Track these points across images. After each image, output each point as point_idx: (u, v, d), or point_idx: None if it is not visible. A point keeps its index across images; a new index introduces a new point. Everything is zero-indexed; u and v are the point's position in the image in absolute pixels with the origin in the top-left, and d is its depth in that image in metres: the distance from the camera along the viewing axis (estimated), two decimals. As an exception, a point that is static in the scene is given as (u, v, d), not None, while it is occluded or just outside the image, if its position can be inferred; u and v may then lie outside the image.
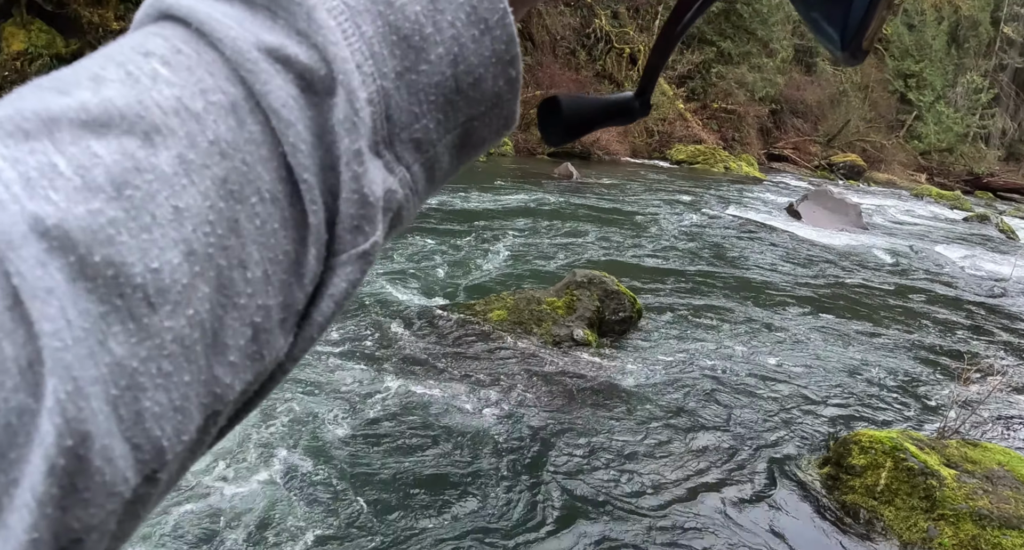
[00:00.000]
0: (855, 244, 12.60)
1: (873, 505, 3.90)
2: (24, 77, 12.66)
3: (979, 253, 13.55)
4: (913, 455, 3.94)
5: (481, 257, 8.39)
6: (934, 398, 5.83)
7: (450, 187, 13.82)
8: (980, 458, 4.04)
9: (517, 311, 5.98)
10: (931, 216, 20.14)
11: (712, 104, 29.76)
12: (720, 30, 30.31)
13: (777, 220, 14.17)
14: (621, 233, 10.84)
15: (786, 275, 9.40)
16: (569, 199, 13.93)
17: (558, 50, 26.56)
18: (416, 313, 6.13)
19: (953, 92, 41.27)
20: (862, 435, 4.23)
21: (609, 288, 6.24)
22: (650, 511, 3.75)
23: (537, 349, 5.60)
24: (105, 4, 13.53)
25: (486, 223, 10.47)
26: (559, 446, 4.29)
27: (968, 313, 8.75)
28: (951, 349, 7.14)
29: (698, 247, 10.60)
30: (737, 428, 4.80)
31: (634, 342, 6.17)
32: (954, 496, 3.70)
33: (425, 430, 4.26)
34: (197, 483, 3.50)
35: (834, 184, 26.49)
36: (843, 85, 37.43)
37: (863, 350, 6.73)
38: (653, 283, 8.16)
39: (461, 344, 5.55)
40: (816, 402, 5.41)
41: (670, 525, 3.66)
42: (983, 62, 43.66)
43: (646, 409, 4.91)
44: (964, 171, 38.75)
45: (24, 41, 12.95)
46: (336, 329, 5.62)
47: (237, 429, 3.24)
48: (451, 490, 3.73)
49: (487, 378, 5.05)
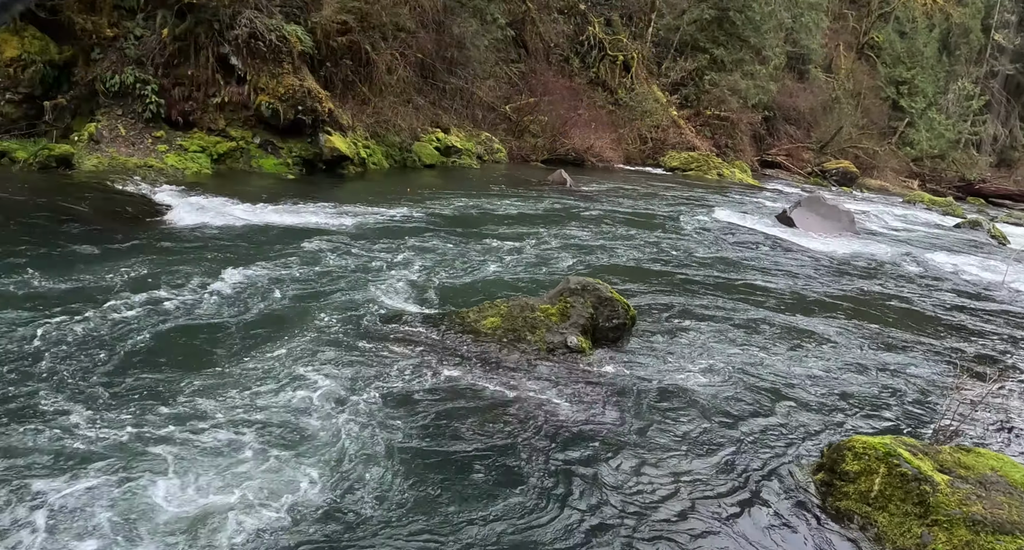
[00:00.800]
0: (848, 250, 12.63)
1: (867, 511, 3.91)
2: (17, 83, 12.66)
3: (971, 259, 13.60)
4: (906, 461, 3.95)
5: (474, 264, 8.39)
6: (927, 404, 5.84)
7: (443, 193, 13.83)
8: (973, 464, 4.05)
9: (511, 318, 5.98)
10: (923, 222, 20.21)
11: (705, 111, 29.81)
12: (713, 37, 30.38)
13: (770, 227, 14.21)
14: (614, 240, 10.85)
15: (779, 282, 9.42)
16: (562, 206, 13.94)
17: (552, 57, 26.60)
18: (409, 320, 6.12)
19: (945, 99, 41.43)
20: (856, 441, 4.24)
21: (603, 295, 6.25)
22: (642, 517, 3.75)
23: (531, 356, 5.59)
24: (99, 11, 13.51)
25: (479, 230, 10.47)
26: (553, 455, 4.28)
27: (961, 319, 8.78)
28: (944, 355, 7.16)
29: (691, 254, 10.62)
30: (730, 434, 4.80)
31: (628, 349, 6.17)
32: (948, 502, 3.70)
33: (415, 439, 4.26)
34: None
35: (827, 190, 26.57)
36: (835, 92, 37.55)
37: (856, 356, 6.75)
38: (647, 290, 8.17)
39: (455, 352, 5.55)
40: (809, 408, 5.42)
41: (662, 531, 3.66)
42: (974, 69, 43.84)
43: (639, 416, 4.91)
44: (956, 177, 38.90)
45: (17, 48, 12.91)
46: (327, 336, 5.61)
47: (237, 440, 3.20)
48: (443, 499, 3.72)
49: (480, 386, 5.05)
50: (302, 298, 6.47)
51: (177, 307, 5.90)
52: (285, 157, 14.48)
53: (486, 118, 22.59)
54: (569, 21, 27.44)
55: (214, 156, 13.78)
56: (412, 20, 18.74)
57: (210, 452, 3.84)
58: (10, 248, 6.99)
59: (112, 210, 9.37)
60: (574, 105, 25.11)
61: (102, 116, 13.29)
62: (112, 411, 4.13)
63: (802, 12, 33.63)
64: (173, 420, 4.10)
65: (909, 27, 41.16)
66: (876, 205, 23.41)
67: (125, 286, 6.22)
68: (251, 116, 14.36)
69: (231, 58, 14.02)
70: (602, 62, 27.77)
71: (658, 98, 28.71)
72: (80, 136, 12.95)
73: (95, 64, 13.41)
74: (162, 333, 5.39)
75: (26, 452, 3.66)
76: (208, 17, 13.80)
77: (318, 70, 16.09)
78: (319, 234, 9.11)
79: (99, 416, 4.06)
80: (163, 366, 4.84)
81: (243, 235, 8.71)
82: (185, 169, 13.06)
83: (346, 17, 16.40)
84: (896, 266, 11.67)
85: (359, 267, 7.70)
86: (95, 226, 8.48)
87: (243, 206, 10.17)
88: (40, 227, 8.03)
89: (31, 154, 11.77)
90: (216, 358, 5.05)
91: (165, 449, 3.80)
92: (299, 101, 14.32)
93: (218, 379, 4.69)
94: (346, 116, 16.03)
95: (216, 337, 5.42)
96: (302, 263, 7.57)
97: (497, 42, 23.28)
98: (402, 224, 10.33)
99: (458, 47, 21.20)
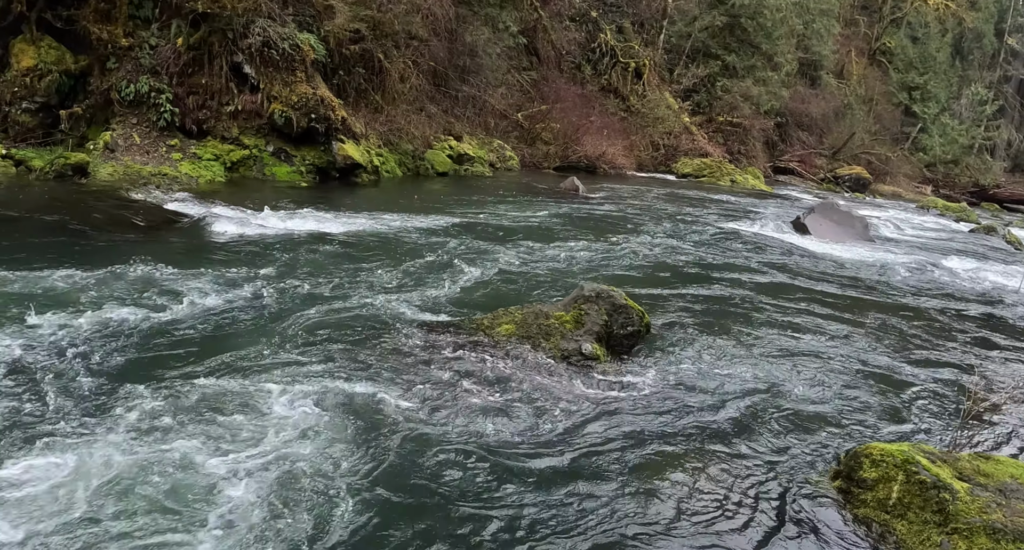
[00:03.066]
0: (863, 257, 12.58)
1: (885, 519, 3.88)
2: (34, 93, 12.77)
3: (987, 265, 13.51)
4: (925, 468, 3.92)
5: (488, 271, 8.39)
6: (945, 411, 5.80)
7: (456, 201, 13.86)
8: (993, 471, 4.02)
9: (525, 325, 5.98)
10: (937, 228, 20.10)
11: (717, 117, 29.81)
12: (725, 44, 30.40)
13: (784, 233, 14.16)
14: (628, 247, 10.84)
15: (793, 289, 9.39)
16: (575, 213, 13.95)
17: (563, 65, 26.66)
18: (423, 328, 6.13)
19: (958, 104, 41.28)
20: (873, 448, 4.21)
21: (617, 302, 6.23)
22: (659, 525, 3.73)
23: (545, 364, 5.59)
24: (114, 21, 13.62)
25: (492, 237, 10.49)
26: (567, 462, 4.27)
27: (977, 325, 8.72)
28: (961, 361, 7.11)
29: (705, 261, 10.60)
30: (747, 441, 4.78)
31: (642, 356, 6.16)
32: (967, 510, 3.68)
33: (429, 446, 4.26)
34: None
35: (840, 197, 26.47)
36: (847, 98, 37.47)
37: (872, 363, 6.71)
38: (661, 297, 8.16)
39: (470, 358, 5.55)
40: (825, 414, 5.39)
41: (680, 540, 3.64)
42: (987, 74, 43.68)
43: (655, 422, 4.89)
44: (969, 183, 38.72)
45: (34, 57, 13.03)
46: (339, 344, 5.62)
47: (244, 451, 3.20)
48: (457, 506, 3.72)
49: (495, 393, 5.05)
50: (316, 306, 6.49)
51: (197, 313, 5.93)
52: (298, 165, 14.55)
53: (498, 126, 22.65)
54: (581, 28, 27.50)
55: (228, 164, 13.86)
56: (424, 28, 18.82)
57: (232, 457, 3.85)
58: (31, 255, 7.04)
59: (128, 218, 9.43)
60: (586, 112, 25.14)
61: (117, 125, 13.40)
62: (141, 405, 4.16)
63: (813, 18, 33.61)
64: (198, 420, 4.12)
65: (921, 32, 41.06)
66: (889, 211, 23.31)
67: (142, 292, 6.26)
68: (264, 124, 14.44)
69: (244, 67, 14.12)
70: (614, 69, 27.82)
71: (670, 105, 28.72)
72: (95, 144, 13.05)
73: (110, 73, 13.53)
74: (179, 339, 5.42)
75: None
76: (222, 26, 13.89)
77: (331, 78, 16.18)
78: (333, 242, 9.15)
79: (114, 419, 4.08)
80: (178, 370, 4.86)
81: (259, 243, 8.75)
82: (199, 177, 13.14)
83: (359, 25, 16.49)
84: (911, 273, 11.61)
85: (373, 275, 7.72)
86: (112, 233, 8.54)
87: (258, 214, 10.23)
88: (58, 234, 8.08)
89: (47, 162, 11.87)
90: (233, 364, 5.06)
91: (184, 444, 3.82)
92: (312, 109, 14.39)
93: (236, 385, 4.71)
94: (359, 124, 16.10)
95: (233, 343, 5.44)
96: (316, 271, 7.60)
97: (509, 50, 23.36)
98: (415, 232, 10.35)
99: (470, 55, 21.27)
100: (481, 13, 21.50)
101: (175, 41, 13.81)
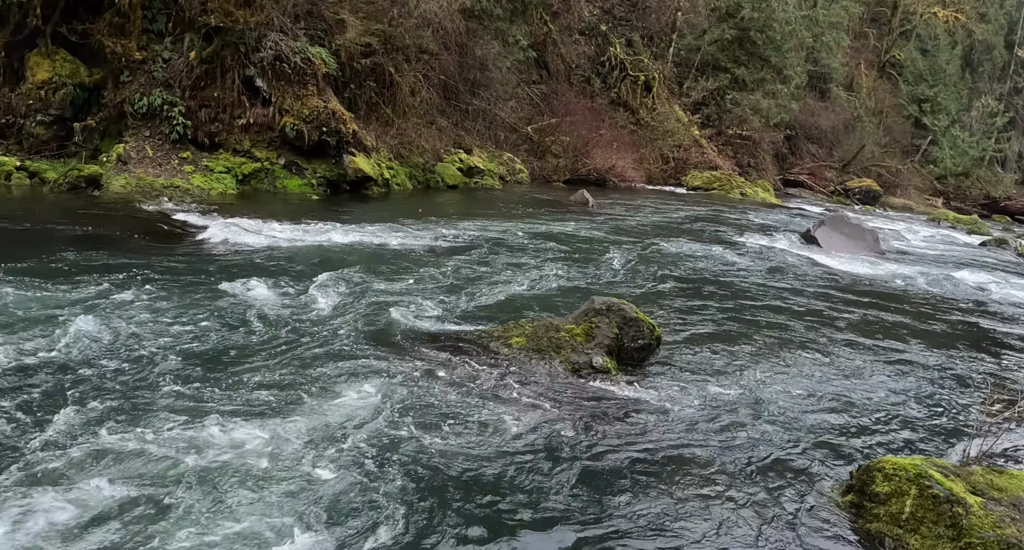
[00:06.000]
0: (873, 270, 12.54)
1: (898, 533, 3.87)
2: (48, 105, 12.88)
3: (998, 278, 13.45)
4: (938, 482, 3.91)
5: (498, 284, 8.41)
6: (957, 425, 5.78)
7: (466, 214, 13.89)
8: (1006, 485, 4.00)
9: (536, 338, 5.99)
10: (949, 241, 20.03)
11: (727, 130, 29.83)
12: (734, 57, 30.45)
13: (795, 246, 14.14)
14: (638, 260, 10.85)
15: (804, 302, 9.37)
16: (585, 226, 13.96)
17: (573, 78, 26.74)
18: (434, 340, 6.14)
19: (968, 116, 41.18)
20: (885, 462, 4.20)
21: (628, 315, 6.24)
22: (670, 538, 3.73)
23: (556, 376, 5.59)
24: (128, 34, 13.75)
25: (503, 250, 10.51)
26: (578, 475, 4.27)
27: (989, 338, 8.68)
28: (973, 375, 7.08)
29: (715, 273, 10.59)
30: (758, 455, 4.77)
31: (653, 369, 6.16)
32: (981, 524, 3.66)
33: (441, 457, 4.26)
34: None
35: (850, 209, 26.42)
36: (857, 110, 37.46)
37: (884, 377, 6.69)
38: (671, 310, 8.16)
39: (480, 371, 5.56)
40: (838, 429, 5.38)
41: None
42: (998, 86, 43.64)
43: (665, 436, 4.89)
44: (980, 195, 38.55)
45: (49, 70, 13.17)
46: (352, 354, 5.64)
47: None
48: (468, 517, 3.72)
49: (506, 405, 5.05)
50: (328, 317, 6.52)
51: (211, 326, 5.96)
52: (309, 178, 14.62)
53: (508, 139, 22.72)
54: (590, 42, 27.59)
55: (239, 177, 13.95)
56: (435, 42, 18.91)
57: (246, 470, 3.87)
58: (42, 266, 7.10)
59: (140, 230, 9.49)
60: (596, 125, 25.20)
61: (130, 137, 13.51)
62: (153, 420, 4.18)
63: (823, 31, 33.63)
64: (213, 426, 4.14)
65: (931, 44, 41.05)
66: (900, 224, 23.24)
67: (154, 303, 6.30)
68: (276, 137, 14.54)
69: (256, 80, 14.22)
70: (623, 82, 27.88)
71: (680, 118, 28.76)
72: (108, 157, 13.16)
73: (124, 86, 13.65)
74: (193, 351, 5.45)
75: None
76: (234, 40, 14.01)
77: (342, 92, 16.28)
78: (345, 254, 9.19)
79: (118, 428, 4.11)
80: (196, 380, 4.88)
81: (270, 255, 8.79)
82: (211, 189, 13.22)
83: (370, 39, 16.59)
84: (922, 285, 11.57)
85: (385, 287, 7.75)
86: (124, 245, 8.60)
87: (270, 226, 10.28)
88: (71, 245, 8.14)
89: (61, 175, 11.97)
90: (250, 375, 5.09)
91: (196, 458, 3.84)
92: (323, 122, 14.47)
93: (255, 396, 4.73)
94: (370, 137, 16.18)
95: (247, 355, 5.46)
96: (328, 283, 7.63)
97: (519, 63, 23.45)
98: (427, 245, 10.38)
99: (480, 69, 21.37)
100: (491, 27, 21.59)
101: (188, 55, 13.93)
